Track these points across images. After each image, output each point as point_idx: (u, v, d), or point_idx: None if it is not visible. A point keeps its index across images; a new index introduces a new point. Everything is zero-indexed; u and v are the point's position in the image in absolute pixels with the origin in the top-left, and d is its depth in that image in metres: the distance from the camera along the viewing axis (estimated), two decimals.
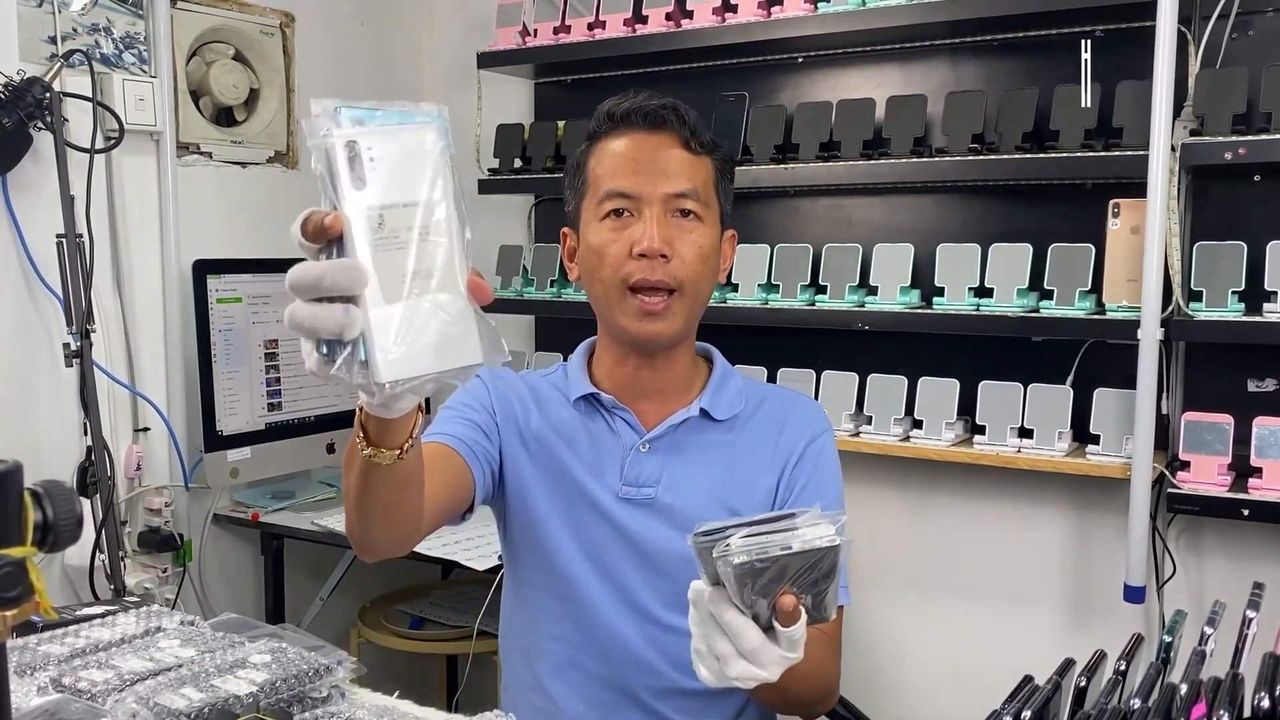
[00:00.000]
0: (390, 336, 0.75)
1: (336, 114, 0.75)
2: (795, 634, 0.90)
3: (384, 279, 0.75)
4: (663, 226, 1.29)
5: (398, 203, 0.76)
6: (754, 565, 0.85)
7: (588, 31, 2.42)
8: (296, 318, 0.76)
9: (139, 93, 2.27)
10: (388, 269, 0.75)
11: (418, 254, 0.76)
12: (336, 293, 0.75)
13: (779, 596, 0.88)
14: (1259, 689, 0.86)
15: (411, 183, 0.76)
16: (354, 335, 0.75)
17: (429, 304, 0.76)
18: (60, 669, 1.16)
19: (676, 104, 1.33)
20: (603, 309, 1.35)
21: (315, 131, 0.75)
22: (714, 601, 0.90)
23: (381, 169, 0.75)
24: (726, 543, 0.86)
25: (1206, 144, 1.79)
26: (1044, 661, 1.04)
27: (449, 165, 0.78)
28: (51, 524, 0.71)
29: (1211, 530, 2.00)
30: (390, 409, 0.88)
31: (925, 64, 2.23)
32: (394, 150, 0.76)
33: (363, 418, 0.95)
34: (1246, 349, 1.91)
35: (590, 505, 1.36)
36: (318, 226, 0.75)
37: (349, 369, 0.75)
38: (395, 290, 0.75)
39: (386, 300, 0.75)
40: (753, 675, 0.91)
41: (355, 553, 1.20)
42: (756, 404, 1.43)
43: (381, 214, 0.75)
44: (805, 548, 0.86)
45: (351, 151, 0.74)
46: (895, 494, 2.30)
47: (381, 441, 0.95)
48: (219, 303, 2.32)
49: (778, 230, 2.37)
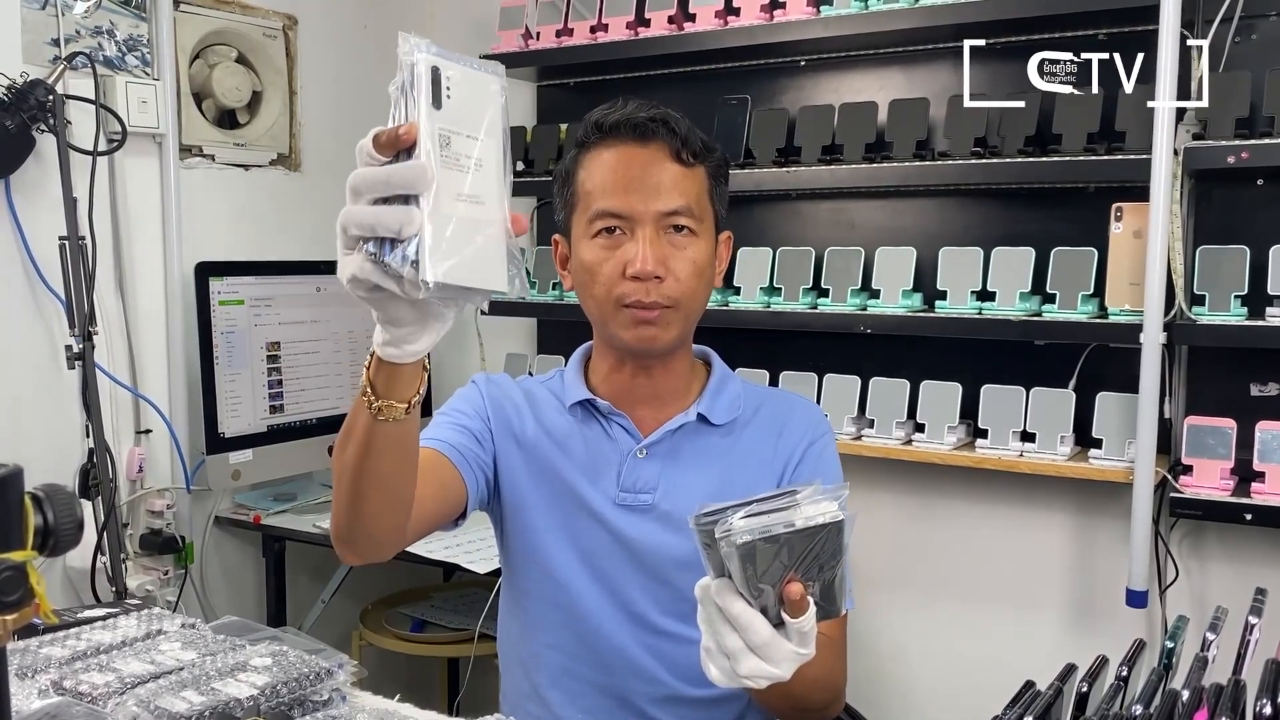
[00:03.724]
0: (441, 241, 0.81)
1: (425, 46, 0.83)
2: (805, 625, 0.89)
3: (441, 192, 0.82)
4: (655, 247, 1.26)
5: (463, 131, 0.84)
6: (757, 544, 0.85)
7: (590, 34, 2.42)
8: (359, 216, 0.83)
9: (142, 95, 2.27)
10: (446, 184, 0.82)
11: (472, 179, 0.84)
12: (403, 190, 0.82)
13: (785, 585, 0.87)
14: (1261, 695, 0.85)
15: (477, 117, 0.85)
16: (413, 231, 0.81)
17: (474, 224, 0.84)
18: (61, 672, 1.16)
19: (666, 114, 1.29)
20: (596, 320, 1.35)
21: (407, 52, 0.82)
22: (720, 593, 0.89)
23: (456, 98, 0.84)
24: (729, 522, 0.85)
25: (1209, 148, 1.79)
26: (1046, 666, 1.04)
27: (505, 115, 0.88)
28: (52, 528, 0.72)
29: (1214, 535, 2.00)
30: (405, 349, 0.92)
31: (928, 67, 2.22)
32: (467, 86, 0.85)
33: (370, 374, 0.98)
34: (1249, 353, 1.91)
35: (587, 512, 1.35)
36: (392, 136, 0.82)
37: (401, 265, 0.81)
38: (449, 205, 0.83)
39: (440, 209, 0.82)
40: (765, 673, 0.90)
41: (340, 553, 1.17)
42: (755, 408, 1.42)
43: (450, 135, 0.83)
44: (808, 524, 0.85)
45: (435, 76, 0.82)
46: (897, 498, 2.30)
47: (390, 393, 0.97)
48: (221, 305, 2.32)
49: (780, 233, 2.37)
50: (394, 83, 0.84)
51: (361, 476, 1.05)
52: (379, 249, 0.82)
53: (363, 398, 0.99)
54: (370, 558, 1.18)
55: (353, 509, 1.09)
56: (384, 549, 1.17)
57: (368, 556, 1.17)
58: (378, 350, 0.94)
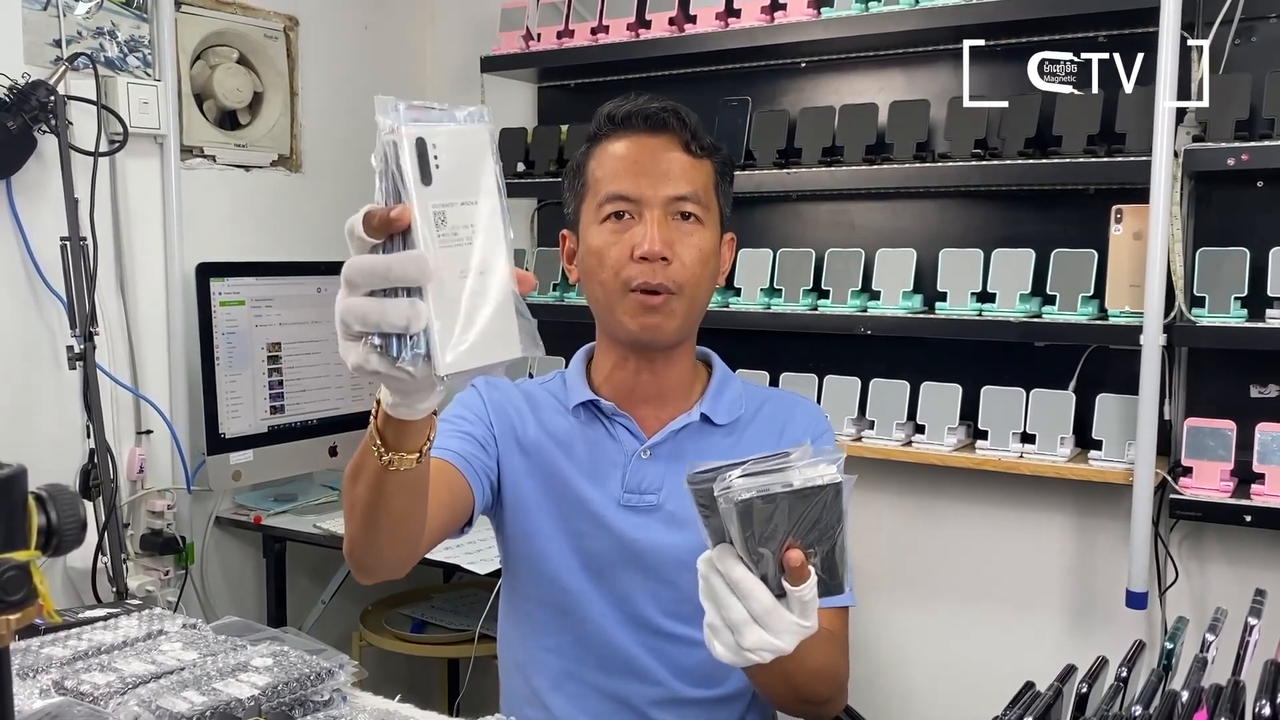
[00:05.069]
0: (451, 329, 0.78)
1: (400, 111, 0.77)
2: (806, 595, 0.89)
3: (444, 274, 0.78)
4: (663, 229, 1.28)
5: (457, 200, 0.79)
6: (755, 502, 0.85)
7: (591, 36, 2.42)
8: (360, 310, 0.78)
9: (143, 96, 2.27)
10: (448, 264, 0.78)
11: (472, 250, 0.80)
12: (404, 284, 0.77)
13: (785, 551, 0.87)
14: (1260, 696, 0.86)
15: (470, 181, 0.80)
16: (420, 328, 0.77)
17: (480, 298, 0.80)
18: (62, 672, 1.16)
19: (677, 106, 1.33)
20: (602, 309, 1.35)
21: (389, 128, 0.77)
22: (721, 557, 0.89)
23: (445, 165, 0.78)
24: (728, 480, 0.85)
25: (1209, 150, 1.79)
26: (1045, 667, 1.04)
27: (497, 163, 0.82)
28: (55, 528, 0.72)
29: (1214, 536, 2.00)
30: (415, 408, 0.89)
31: (928, 69, 2.23)
32: (456, 148, 0.79)
33: (379, 424, 0.95)
34: (1249, 355, 1.91)
35: (589, 515, 1.35)
36: (384, 220, 0.77)
37: (413, 362, 0.78)
38: (453, 286, 0.78)
39: (445, 293, 0.78)
40: (768, 644, 0.90)
41: (354, 573, 1.19)
42: (756, 407, 1.42)
43: (445, 210, 0.78)
44: (806, 485, 0.86)
45: (420, 149, 0.77)
46: (897, 499, 2.30)
47: (400, 445, 0.95)
48: (222, 305, 2.33)
49: (780, 235, 2.37)
50: (375, 154, 0.78)
51: (375, 515, 1.06)
52: (385, 343, 0.78)
53: (372, 447, 0.97)
54: (386, 578, 1.20)
55: (367, 541, 1.10)
56: (399, 570, 1.19)
57: (383, 577, 1.20)
58: (387, 409, 0.91)
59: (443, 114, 0.80)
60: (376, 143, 0.78)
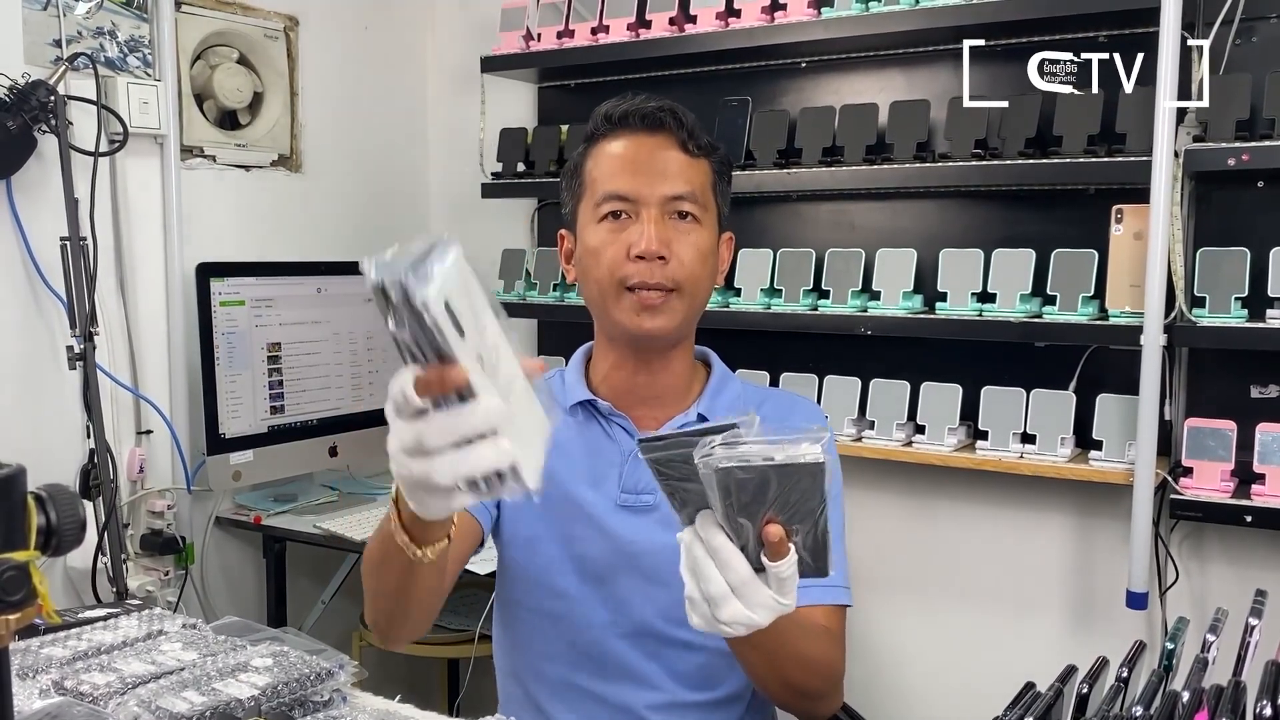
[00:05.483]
0: (525, 452, 0.81)
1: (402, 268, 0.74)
2: (784, 571, 0.90)
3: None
4: (660, 228, 1.28)
5: (477, 331, 0.80)
6: (735, 472, 0.86)
7: (591, 36, 2.42)
8: (450, 469, 0.78)
9: (143, 96, 2.27)
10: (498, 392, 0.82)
11: (500, 367, 0.82)
12: (487, 433, 0.78)
13: (764, 525, 0.88)
14: (1261, 697, 0.85)
15: (478, 309, 0.81)
16: (509, 462, 0.79)
17: (521, 407, 0.84)
18: (62, 672, 1.16)
19: (674, 106, 1.33)
20: (599, 309, 1.35)
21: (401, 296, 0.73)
22: (703, 523, 0.91)
23: (460, 309, 0.77)
24: (709, 448, 0.86)
25: (1210, 150, 1.79)
26: (1046, 668, 1.04)
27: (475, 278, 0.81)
28: (55, 528, 0.72)
29: (1214, 537, 2.00)
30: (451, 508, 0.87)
31: (928, 69, 2.23)
32: (457, 290, 0.77)
33: (402, 520, 0.97)
34: (1249, 355, 1.91)
35: (585, 519, 1.35)
36: (440, 381, 0.76)
37: (507, 490, 0.81)
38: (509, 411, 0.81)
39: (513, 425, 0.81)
40: (744, 618, 0.91)
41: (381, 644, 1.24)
42: (756, 407, 1.41)
43: (480, 351, 0.79)
44: (788, 461, 0.86)
45: (449, 308, 0.76)
46: (897, 499, 2.30)
47: (429, 538, 0.98)
48: (222, 305, 2.32)
49: (780, 235, 2.37)
50: (390, 322, 0.76)
51: (406, 598, 1.09)
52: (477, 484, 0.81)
53: (401, 545, 0.99)
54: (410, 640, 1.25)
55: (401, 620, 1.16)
56: (424, 631, 1.25)
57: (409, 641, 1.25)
58: (416, 511, 0.89)
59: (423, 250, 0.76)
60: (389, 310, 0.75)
